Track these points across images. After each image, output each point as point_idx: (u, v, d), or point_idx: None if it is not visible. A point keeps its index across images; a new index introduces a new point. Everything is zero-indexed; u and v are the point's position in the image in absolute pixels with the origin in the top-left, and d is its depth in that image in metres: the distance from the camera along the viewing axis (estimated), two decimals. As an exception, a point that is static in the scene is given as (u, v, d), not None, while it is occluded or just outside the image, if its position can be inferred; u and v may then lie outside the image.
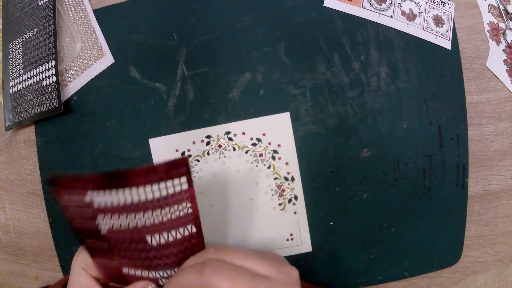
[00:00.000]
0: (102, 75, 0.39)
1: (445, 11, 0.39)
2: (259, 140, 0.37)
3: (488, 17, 0.40)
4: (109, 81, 0.39)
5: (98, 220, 0.24)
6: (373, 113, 0.37)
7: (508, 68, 0.40)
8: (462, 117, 0.38)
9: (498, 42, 0.40)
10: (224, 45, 0.38)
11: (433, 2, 0.39)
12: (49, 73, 0.38)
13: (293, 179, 0.37)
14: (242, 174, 0.37)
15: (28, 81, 0.40)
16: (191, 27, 0.38)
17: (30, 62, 0.40)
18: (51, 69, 0.38)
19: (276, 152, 0.37)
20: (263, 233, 0.38)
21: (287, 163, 0.37)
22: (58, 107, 0.37)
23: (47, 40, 0.39)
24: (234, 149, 0.37)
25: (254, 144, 0.37)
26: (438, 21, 0.39)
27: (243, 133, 0.37)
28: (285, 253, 0.38)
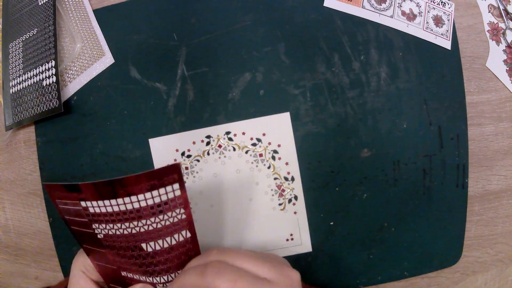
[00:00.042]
0: (102, 75, 0.39)
1: (445, 11, 0.39)
2: (259, 140, 0.37)
3: (488, 17, 0.40)
4: (109, 81, 0.39)
5: (94, 226, 0.25)
6: (373, 113, 0.37)
7: (508, 68, 0.40)
8: (462, 117, 0.38)
9: (498, 42, 0.40)
10: (224, 45, 0.38)
11: (433, 2, 0.39)
12: (49, 73, 0.38)
13: (293, 179, 0.37)
14: (242, 174, 0.37)
15: (28, 81, 0.40)
16: (191, 27, 0.38)
17: (30, 62, 0.40)
18: (51, 69, 0.38)
19: (276, 152, 0.37)
20: (263, 233, 0.38)
21: (287, 163, 0.37)
22: (58, 107, 0.37)
23: (47, 40, 0.39)
24: (234, 149, 0.37)
25: (254, 144, 0.37)
26: (438, 21, 0.39)
27: (243, 133, 0.37)
28: (285, 253, 0.38)
